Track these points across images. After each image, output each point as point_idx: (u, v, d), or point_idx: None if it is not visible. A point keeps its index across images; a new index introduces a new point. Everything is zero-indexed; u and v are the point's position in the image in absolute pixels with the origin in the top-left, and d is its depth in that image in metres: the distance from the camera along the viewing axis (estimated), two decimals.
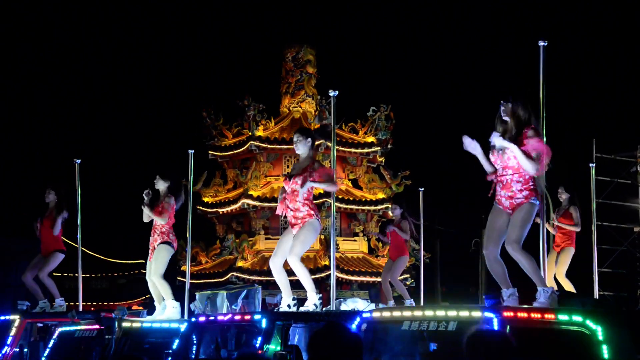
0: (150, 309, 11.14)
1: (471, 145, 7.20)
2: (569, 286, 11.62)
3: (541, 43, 7.77)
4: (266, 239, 26.15)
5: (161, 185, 10.92)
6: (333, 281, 9.07)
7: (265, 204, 25.56)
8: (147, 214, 10.81)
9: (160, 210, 10.70)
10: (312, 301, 8.80)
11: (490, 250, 7.15)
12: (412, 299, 12.97)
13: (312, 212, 8.78)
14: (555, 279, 11.90)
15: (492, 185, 7.25)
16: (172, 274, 11.04)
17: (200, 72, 52.50)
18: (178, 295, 11.15)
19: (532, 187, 7.07)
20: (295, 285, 8.94)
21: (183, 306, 10.99)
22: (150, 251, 10.86)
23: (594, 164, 12.13)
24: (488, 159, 7.26)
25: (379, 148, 26.91)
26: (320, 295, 8.98)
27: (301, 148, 8.99)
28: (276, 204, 9.10)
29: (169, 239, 10.78)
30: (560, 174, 7.27)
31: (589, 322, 6.35)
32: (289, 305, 8.77)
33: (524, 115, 7.11)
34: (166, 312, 10.73)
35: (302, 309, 8.82)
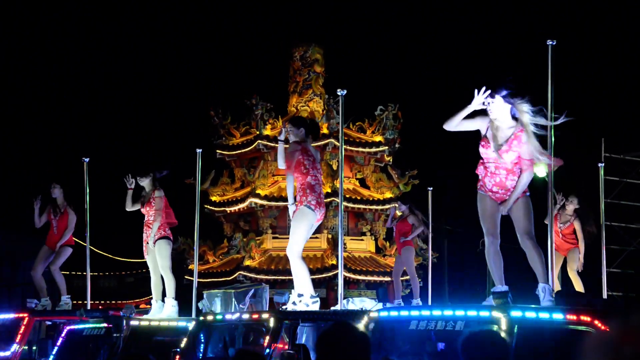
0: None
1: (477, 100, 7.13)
2: (578, 284, 11.60)
3: (549, 42, 7.75)
4: (273, 238, 26.12)
5: (145, 182, 11.00)
6: (341, 280, 9.04)
7: (273, 203, 25.53)
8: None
9: (156, 209, 10.77)
10: (305, 301, 8.74)
11: (492, 242, 7.13)
12: (419, 299, 12.95)
13: (304, 199, 8.70)
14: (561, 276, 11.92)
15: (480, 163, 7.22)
16: (179, 273, 11.07)
17: (207, 71, 52.59)
18: (186, 294, 11.16)
19: None
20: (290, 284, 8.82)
21: (191, 305, 11.01)
22: (144, 246, 10.93)
23: (603, 164, 12.10)
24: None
25: (387, 147, 26.87)
26: (317, 297, 8.86)
27: (292, 138, 8.96)
28: (283, 203, 9.08)
29: (166, 233, 10.85)
30: (571, 181, 7.29)
31: (597, 323, 6.33)
32: (306, 304, 8.70)
33: (512, 110, 7.10)
34: (165, 310, 10.74)
35: (290, 307, 8.76)
